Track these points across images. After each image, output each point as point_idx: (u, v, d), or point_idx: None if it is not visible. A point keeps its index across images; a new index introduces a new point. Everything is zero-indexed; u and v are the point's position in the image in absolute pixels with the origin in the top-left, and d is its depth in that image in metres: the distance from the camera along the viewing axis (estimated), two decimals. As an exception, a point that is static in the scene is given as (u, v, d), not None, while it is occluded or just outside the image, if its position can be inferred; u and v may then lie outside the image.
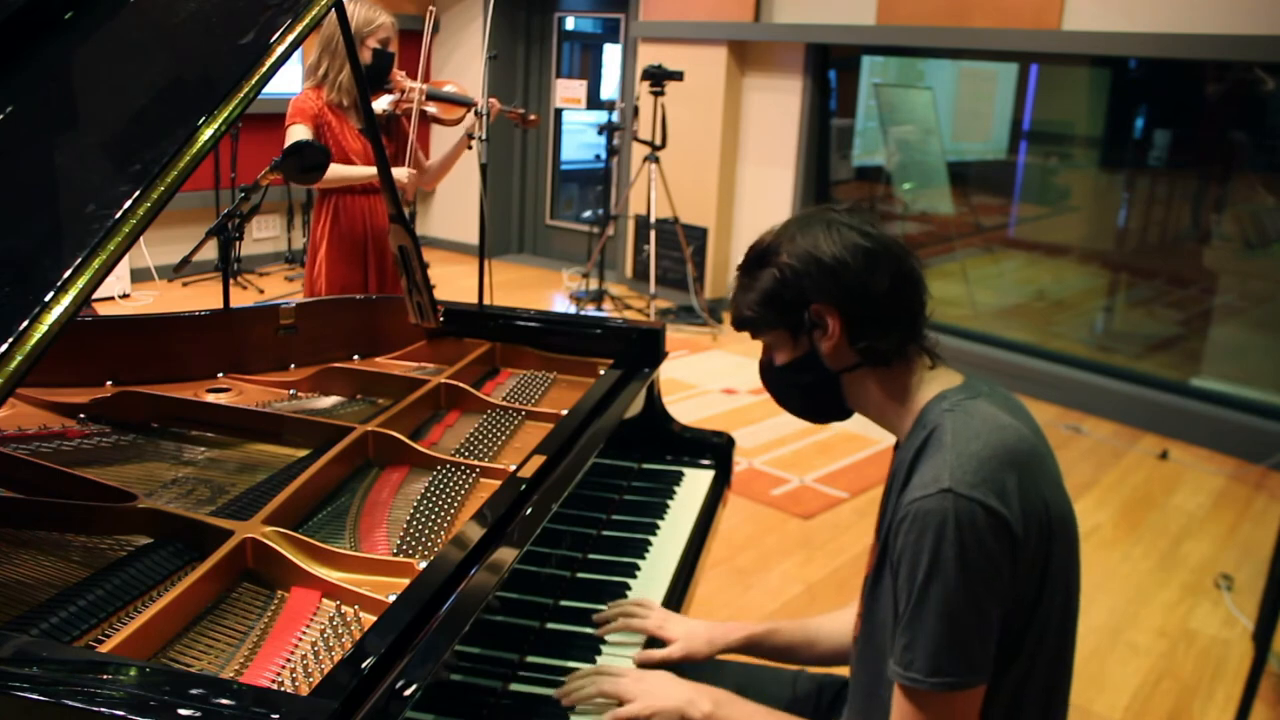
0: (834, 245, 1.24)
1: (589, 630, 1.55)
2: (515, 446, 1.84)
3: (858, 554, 3.39)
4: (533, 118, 3.45)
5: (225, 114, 1.24)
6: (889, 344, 1.26)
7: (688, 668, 1.60)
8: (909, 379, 1.29)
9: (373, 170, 2.98)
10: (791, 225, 1.30)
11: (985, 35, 5.12)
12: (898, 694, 1.16)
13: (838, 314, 1.25)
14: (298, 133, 2.90)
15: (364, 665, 1.03)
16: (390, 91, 3.08)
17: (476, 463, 1.69)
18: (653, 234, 6.15)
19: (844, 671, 1.64)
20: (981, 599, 1.12)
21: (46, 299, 1.08)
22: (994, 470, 1.13)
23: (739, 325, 1.36)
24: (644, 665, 1.49)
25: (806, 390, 1.34)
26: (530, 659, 1.46)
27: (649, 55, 6.37)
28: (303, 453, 1.73)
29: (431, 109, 3.17)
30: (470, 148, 3.30)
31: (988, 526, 1.11)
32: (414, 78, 3.14)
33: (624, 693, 1.33)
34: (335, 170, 2.97)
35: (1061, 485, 1.23)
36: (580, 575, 1.71)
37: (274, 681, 1.16)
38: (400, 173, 3.02)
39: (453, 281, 6.51)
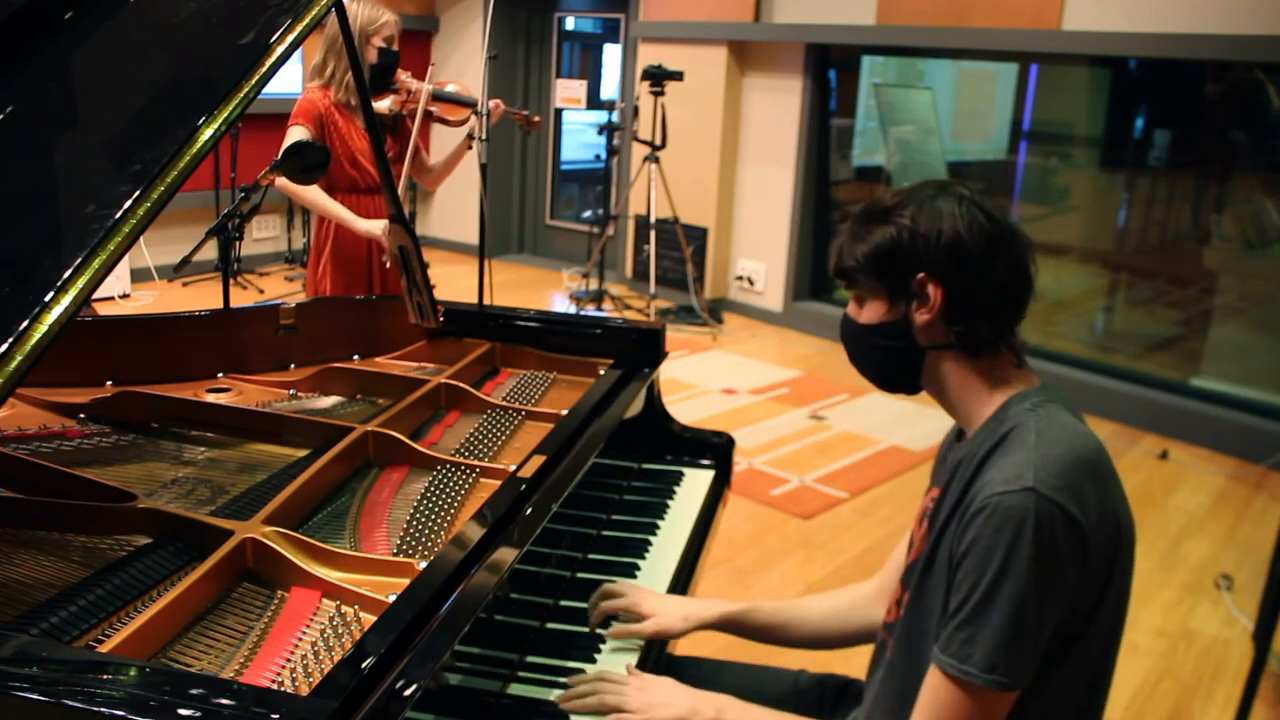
0: (960, 221, 1.21)
1: (589, 630, 1.55)
2: (515, 446, 1.84)
3: (858, 554, 3.39)
4: (536, 119, 3.45)
5: (225, 114, 1.24)
6: (984, 333, 1.23)
7: (689, 670, 1.60)
8: (993, 372, 1.26)
9: (352, 216, 2.97)
10: (922, 189, 1.26)
11: (985, 35, 5.12)
12: (940, 681, 1.15)
13: (943, 290, 1.22)
14: (295, 134, 2.90)
15: (364, 665, 1.03)
16: (396, 92, 3.08)
17: (476, 463, 1.69)
18: (653, 234, 6.15)
19: (845, 670, 1.64)
20: (1045, 604, 1.12)
21: (46, 299, 1.08)
22: (1076, 477, 1.13)
23: (837, 272, 1.31)
24: (619, 638, 1.51)
25: (886, 355, 1.30)
26: (530, 659, 1.46)
27: (649, 55, 6.37)
28: (303, 453, 1.73)
29: (436, 109, 3.17)
30: (470, 148, 3.30)
31: (1064, 531, 1.11)
32: (419, 78, 3.14)
33: (625, 703, 1.32)
34: (319, 196, 2.97)
35: (1128, 501, 1.23)
36: (580, 575, 1.71)
37: (274, 681, 1.15)
38: (375, 225, 2.94)
39: (453, 281, 6.51)
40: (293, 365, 2.18)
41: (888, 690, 1.34)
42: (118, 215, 1.14)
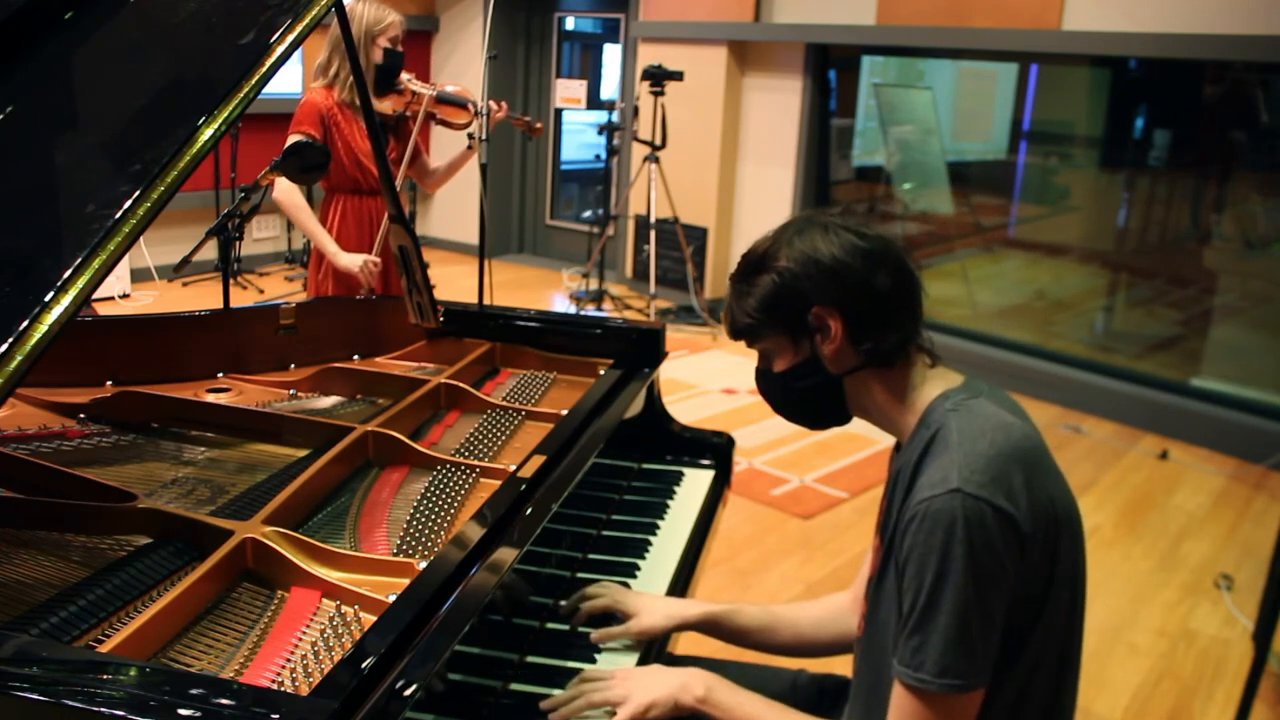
0: (832, 246, 1.24)
1: (588, 630, 1.55)
2: (515, 446, 1.84)
3: (858, 554, 3.39)
4: (538, 125, 3.45)
5: (225, 114, 1.24)
6: (892, 344, 1.25)
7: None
8: (911, 379, 1.28)
9: (335, 249, 2.96)
10: (786, 230, 1.29)
11: (985, 35, 5.12)
12: (900, 692, 1.16)
13: (840, 315, 1.24)
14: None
15: (364, 665, 1.03)
16: (400, 93, 3.08)
17: (476, 463, 1.69)
18: (653, 234, 6.15)
19: (845, 671, 1.64)
20: (989, 600, 1.12)
21: (46, 299, 1.08)
22: (1001, 469, 1.14)
23: (735, 333, 1.34)
24: (602, 641, 1.51)
25: (807, 395, 1.33)
26: (530, 659, 1.46)
27: (649, 55, 6.37)
28: (303, 453, 1.73)
29: (438, 112, 3.17)
30: (469, 147, 3.30)
31: (996, 526, 1.11)
32: (421, 80, 3.14)
33: (614, 697, 1.32)
34: (310, 221, 2.97)
35: (1065, 482, 1.24)
36: (580, 575, 1.71)
37: (274, 681, 1.16)
38: (355, 261, 2.94)
39: (453, 281, 6.51)
40: (293, 365, 2.18)
41: (856, 702, 1.35)
42: (118, 215, 1.14)
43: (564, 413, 1.84)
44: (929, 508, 1.12)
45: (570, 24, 7.89)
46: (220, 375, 2.09)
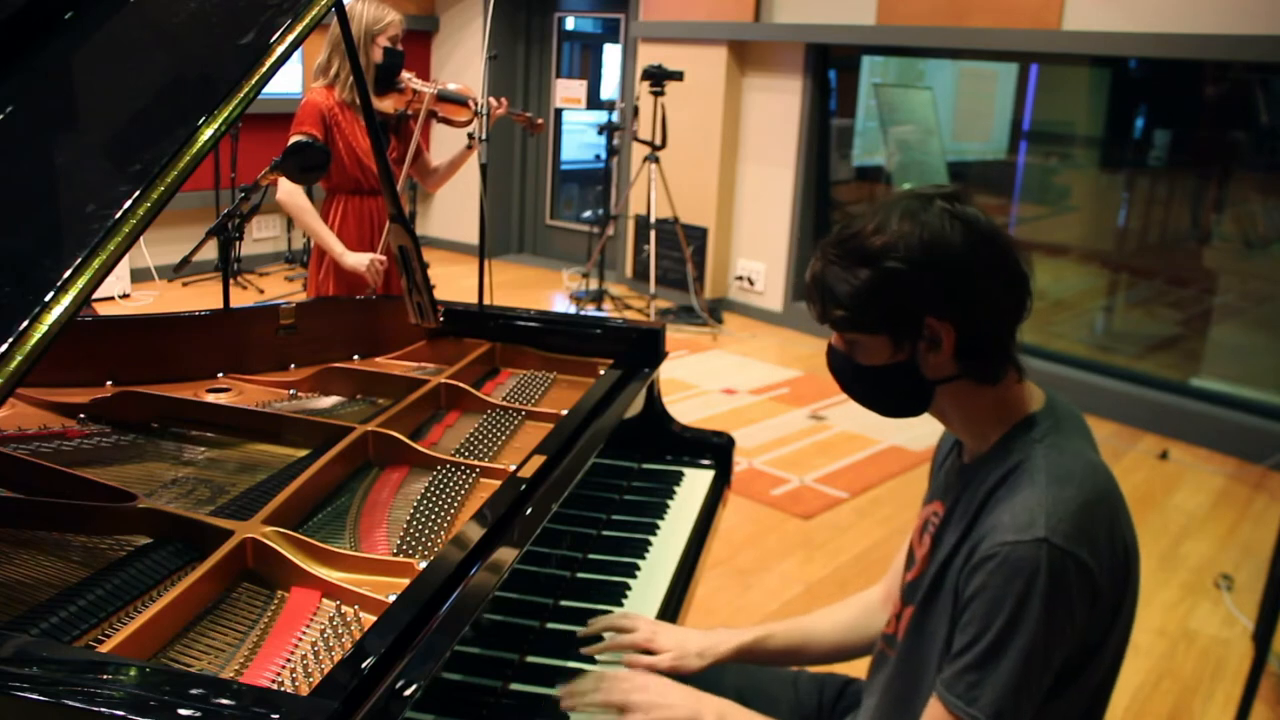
0: (956, 248, 1.12)
1: (578, 635, 1.55)
2: (515, 446, 1.84)
3: (858, 554, 3.39)
4: (539, 122, 3.45)
5: (225, 114, 1.24)
6: (998, 360, 1.18)
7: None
8: (1001, 393, 1.22)
9: (341, 249, 2.96)
10: (894, 213, 1.15)
11: (985, 35, 5.12)
12: (944, 715, 1.14)
13: (954, 330, 1.14)
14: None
15: (364, 665, 1.03)
16: (400, 92, 3.08)
17: (476, 463, 1.69)
18: (653, 234, 6.15)
19: (845, 670, 1.64)
20: (1054, 650, 1.11)
21: (46, 299, 1.08)
22: (1088, 520, 1.11)
23: (823, 320, 1.22)
24: (635, 667, 1.47)
25: (891, 393, 1.25)
26: (530, 659, 1.46)
27: (649, 55, 6.37)
28: (303, 453, 1.73)
29: (440, 110, 3.17)
30: (472, 149, 3.30)
31: (1076, 580, 1.09)
32: (421, 79, 3.14)
33: (630, 702, 1.32)
34: (314, 222, 2.97)
35: (1132, 520, 1.21)
36: (580, 575, 1.71)
37: (274, 681, 1.15)
38: (361, 260, 2.95)
39: (453, 281, 6.51)
40: (293, 365, 2.18)
41: (884, 706, 1.34)
42: (118, 215, 1.14)
43: (564, 413, 1.83)
44: (1011, 553, 1.09)
45: (570, 24, 7.89)
46: (220, 375, 2.09)
